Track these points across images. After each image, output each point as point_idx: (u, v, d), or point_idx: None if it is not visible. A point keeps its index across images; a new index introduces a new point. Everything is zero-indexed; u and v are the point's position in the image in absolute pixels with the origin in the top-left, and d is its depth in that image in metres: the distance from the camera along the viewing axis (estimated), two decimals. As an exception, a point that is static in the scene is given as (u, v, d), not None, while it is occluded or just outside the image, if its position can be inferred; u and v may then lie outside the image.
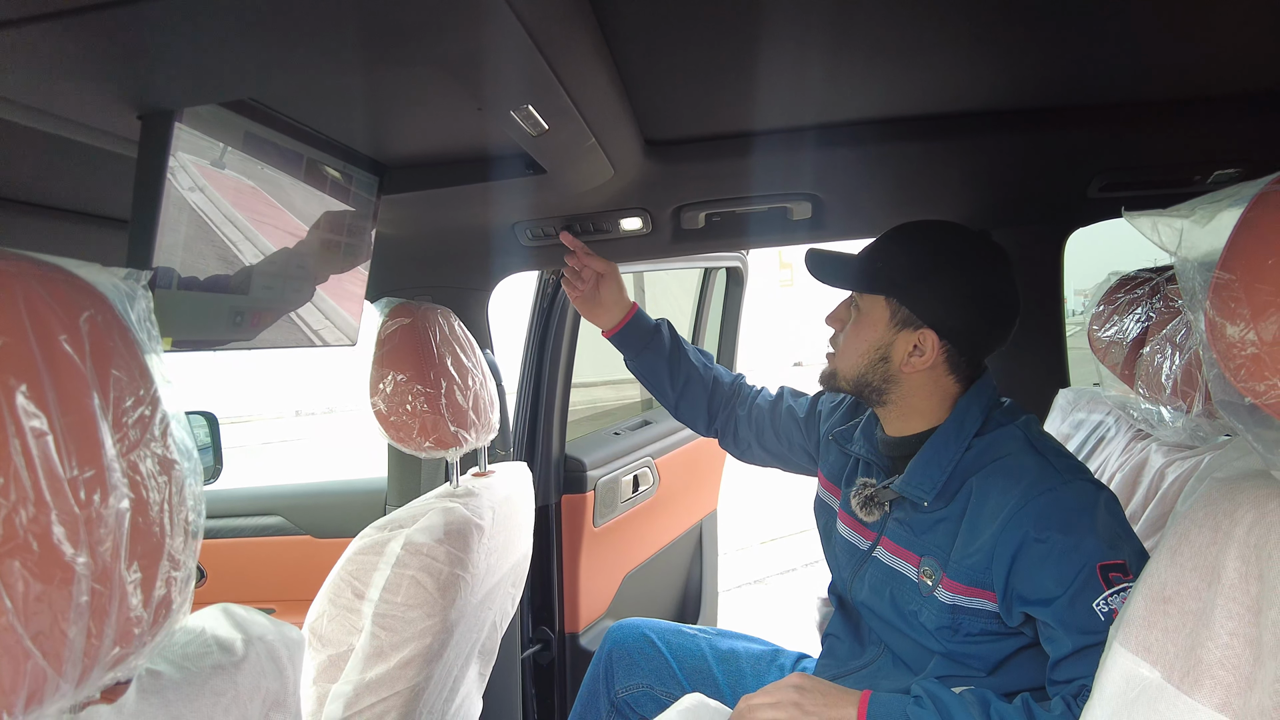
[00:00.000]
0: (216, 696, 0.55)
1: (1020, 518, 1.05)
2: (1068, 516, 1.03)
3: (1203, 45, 1.14)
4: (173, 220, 0.83)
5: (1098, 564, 0.99)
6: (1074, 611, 0.99)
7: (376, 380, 1.24)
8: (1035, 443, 1.13)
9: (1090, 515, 1.03)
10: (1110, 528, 1.03)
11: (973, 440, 1.16)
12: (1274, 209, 0.59)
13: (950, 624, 1.12)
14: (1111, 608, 0.97)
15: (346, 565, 1.14)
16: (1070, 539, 1.01)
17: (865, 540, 1.27)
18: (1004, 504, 1.07)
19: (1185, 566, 0.71)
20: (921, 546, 1.17)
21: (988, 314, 1.18)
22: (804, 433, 1.49)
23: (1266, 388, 0.57)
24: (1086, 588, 0.99)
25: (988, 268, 1.18)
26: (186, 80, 0.79)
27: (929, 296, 1.16)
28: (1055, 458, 1.11)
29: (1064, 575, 1.00)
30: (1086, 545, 1.01)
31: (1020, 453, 1.12)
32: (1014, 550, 1.05)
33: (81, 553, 0.43)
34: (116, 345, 0.48)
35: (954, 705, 0.99)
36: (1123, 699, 0.74)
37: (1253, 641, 0.64)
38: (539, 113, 0.94)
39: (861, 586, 1.25)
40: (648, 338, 1.51)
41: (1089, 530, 1.02)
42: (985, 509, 1.09)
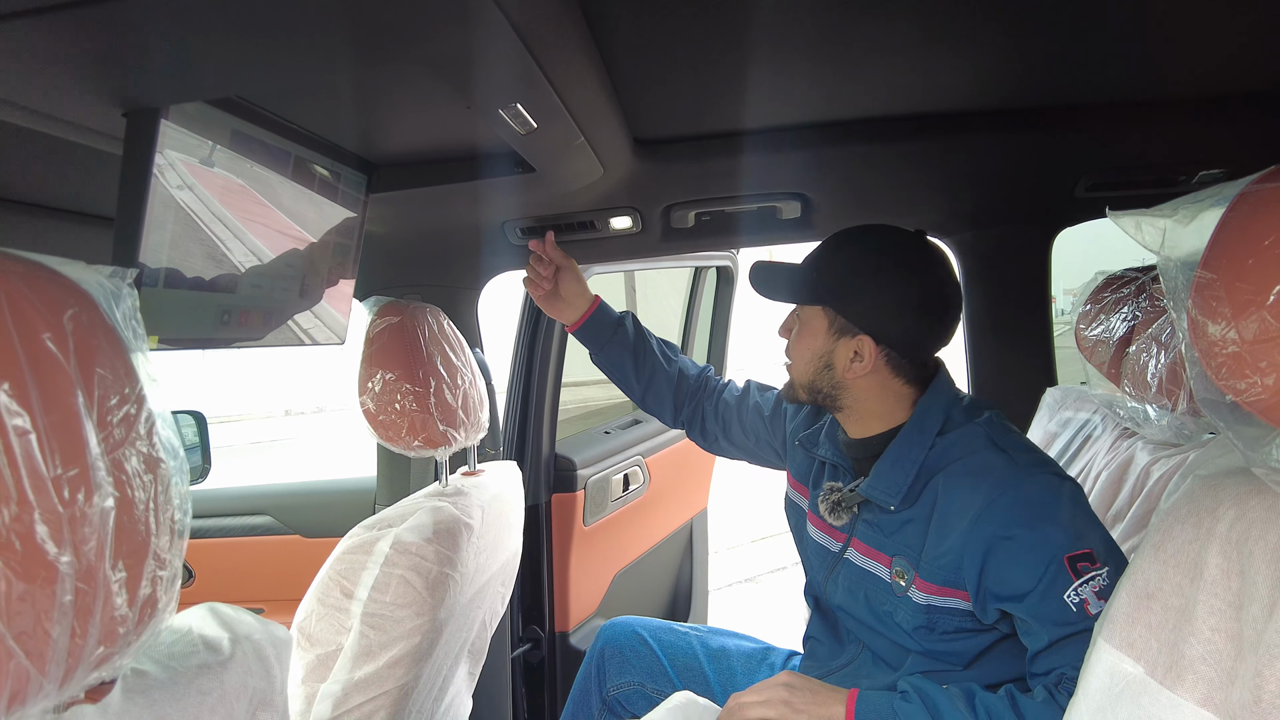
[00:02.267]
0: (203, 696, 0.54)
1: (987, 516, 1.06)
2: (1032, 511, 1.04)
3: (1189, 47, 1.15)
4: (159, 218, 0.83)
5: (1065, 556, 1.00)
6: (1047, 605, 1.00)
7: (365, 379, 1.23)
8: (997, 440, 1.13)
9: (1054, 508, 1.04)
10: (1075, 518, 1.04)
11: (935, 440, 1.16)
12: (1254, 209, 0.59)
13: (926, 623, 1.13)
14: (1082, 598, 0.98)
15: (335, 565, 1.14)
16: (1036, 534, 1.02)
17: (836, 542, 1.27)
18: (970, 504, 1.08)
19: (1168, 563, 0.71)
20: (892, 547, 1.17)
21: (923, 317, 1.18)
22: (769, 429, 1.50)
23: (1247, 385, 0.58)
24: (1057, 580, 1.00)
25: (921, 271, 1.18)
26: (171, 77, 0.78)
27: (863, 304, 1.17)
28: (1018, 453, 1.11)
29: (1033, 570, 1.01)
30: (1053, 539, 1.02)
31: (983, 451, 1.12)
32: (984, 549, 1.05)
33: (65, 552, 0.42)
34: (101, 343, 0.48)
35: (940, 699, 1.00)
36: (1107, 694, 0.74)
37: (1234, 636, 0.64)
38: (527, 111, 0.94)
39: (836, 589, 1.26)
40: (611, 331, 1.50)
41: (1054, 523, 1.03)
42: (952, 509, 1.10)
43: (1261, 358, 0.57)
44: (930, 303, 1.18)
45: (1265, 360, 0.56)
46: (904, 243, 1.19)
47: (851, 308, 1.18)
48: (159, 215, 0.83)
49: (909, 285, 1.17)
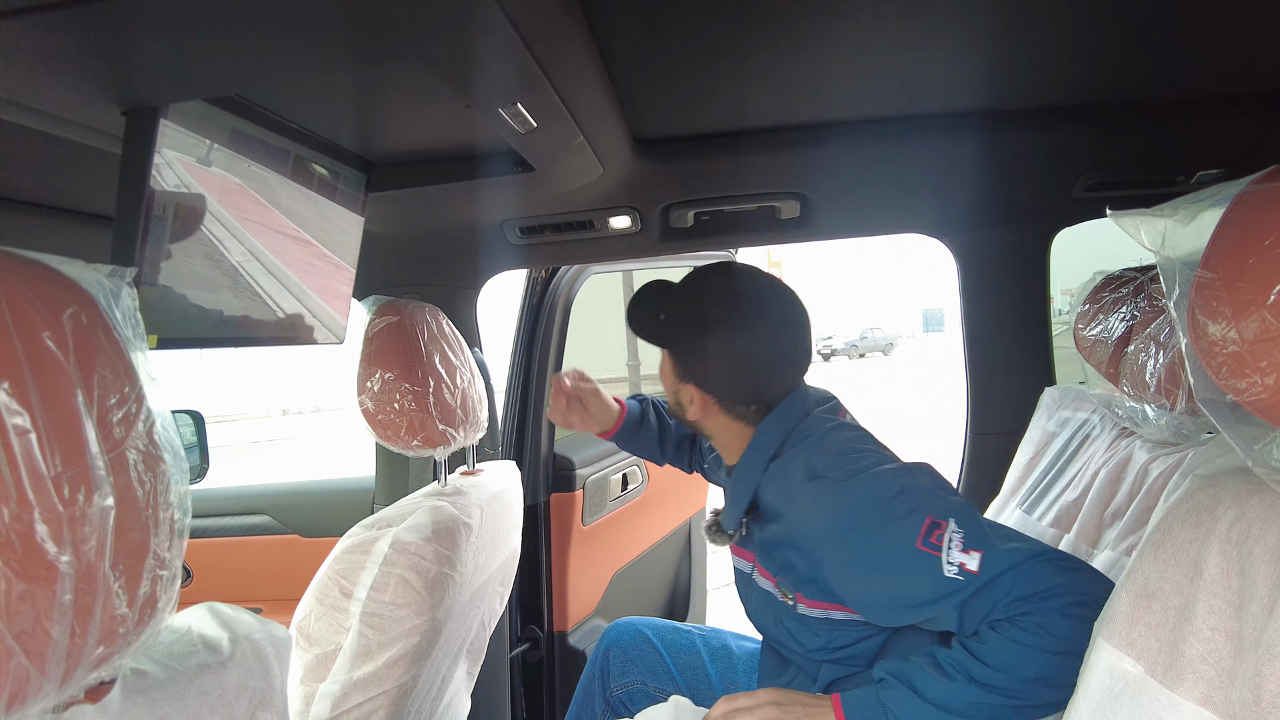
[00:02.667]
0: (202, 696, 0.54)
1: (829, 547, 1.06)
2: (864, 525, 1.03)
3: (1188, 48, 1.15)
4: (158, 217, 0.83)
5: (914, 545, 0.99)
6: (934, 588, 0.98)
7: (364, 378, 1.23)
8: (815, 464, 1.11)
9: (880, 508, 1.03)
10: (901, 505, 1.02)
11: (768, 465, 1.17)
12: (1254, 209, 0.60)
13: (825, 642, 1.14)
14: (958, 563, 0.96)
15: (334, 564, 1.14)
16: (878, 544, 1.02)
17: (746, 564, 1.28)
18: (811, 536, 1.08)
19: (1168, 562, 0.71)
20: (774, 567, 1.18)
21: (740, 374, 1.20)
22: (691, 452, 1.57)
23: (1247, 385, 0.58)
24: (927, 567, 0.98)
25: (742, 327, 1.18)
26: (171, 76, 0.78)
27: (689, 354, 1.21)
28: (833, 471, 1.09)
29: (899, 574, 1.00)
30: (896, 538, 1.00)
31: (802, 480, 1.11)
32: (844, 573, 1.06)
33: (65, 551, 0.42)
34: (101, 342, 0.48)
35: (914, 674, 1.00)
36: (1106, 694, 0.75)
37: (1234, 636, 0.65)
38: (527, 110, 0.94)
39: (753, 610, 1.27)
40: (638, 426, 1.56)
41: (885, 523, 1.02)
42: (802, 543, 1.11)
43: (1262, 357, 0.57)
44: (749, 360, 1.19)
45: (1265, 360, 0.56)
46: (731, 296, 1.20)
47: (681, 357, 1.22)
48: (158, 215, 0.83)
49: (728, 341, 1.19)
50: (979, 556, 0.96)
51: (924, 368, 22.25)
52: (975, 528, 0.98)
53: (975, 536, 0.97)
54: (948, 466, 2.18)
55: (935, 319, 42.96)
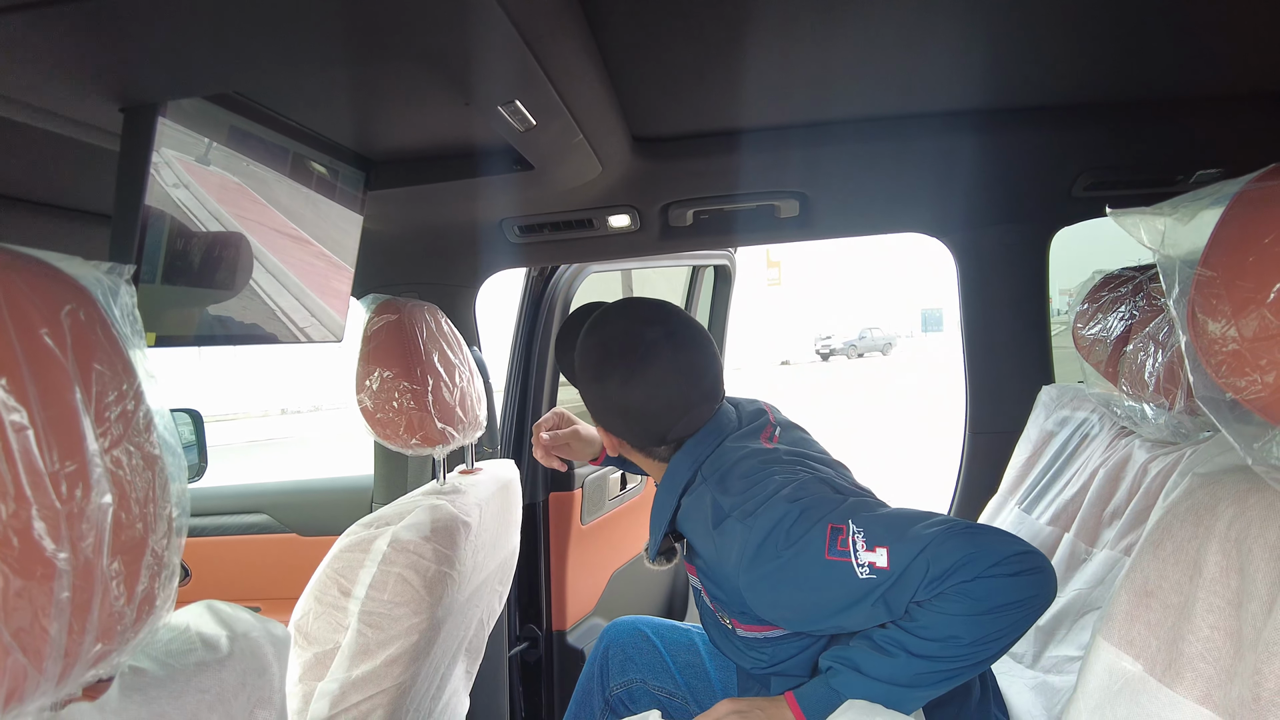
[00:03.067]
0: (201, 694, 0.54)
1: (745, 581, 1.06)
2: (773, 554, 1.03)
3: (1187, 47, 1.15)
4: (157, 215, 0.83)
5: (824, 557, 0.99)
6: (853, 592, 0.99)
7: (363, 377, 1.23)
8: (719, 499, 1.11)
9: (784, 534, 1.03)
10: (803, 524, 1.02)
11: (680, 499, 1.18)
12: (1254, 207, 0.60)
13: (770, 658, 1.16)
14: (867, 562, 0.97)
15: (332, 563, 1.14)
16: (791, 567, 1.02)
17: (696, 580, 1.28)
18: (728, 575, 1.09)
19: (1167, 561, 0.71)
20: (709, 592, 1.20)
21: (633, 422, 1.21)
22: None
23: (1247, 383, 0.58)
24: (840, 576, 0.98)
25: (626, 380, 1.17)
26: (169, 72, 0.78)
27: (588, 399, 1.25)
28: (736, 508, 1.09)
29: (817, 588, 1.01)
30: (804, 556, 1.01)
31: (709, 526, 1.11)
32: (767, 601, 1.06)
33: (63, 548, 0.42)
34: (99, 339, 0.48)
35: (857, 654, 1.02)
36: (1105, 692, 0.75)
37: (1233, 634, 0.65)
38: (526, 108, 0.93)
39: (705, 624, 1.28)
40: None
41: (791, 545, 1.02)
42: (720, 578, 1.13)
43: (1261, 355, 0.57)
44: (635, 412, 1.19)
45: (1265, 358, 0.56)
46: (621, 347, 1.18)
47: (588, 400, 1.25)
48: (157, 212, 0.82)
49: (619, 391, 1.19)
50: (885, 551, 0.97)
51: (923, 368, 22.31)
52: (874, 524, 0.99)
53: (877, 532, 0.98)
54: (946, 466, 2.18)
55: (934, 319, 43.04)
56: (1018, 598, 0.91)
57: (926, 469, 5.63)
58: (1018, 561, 0.91)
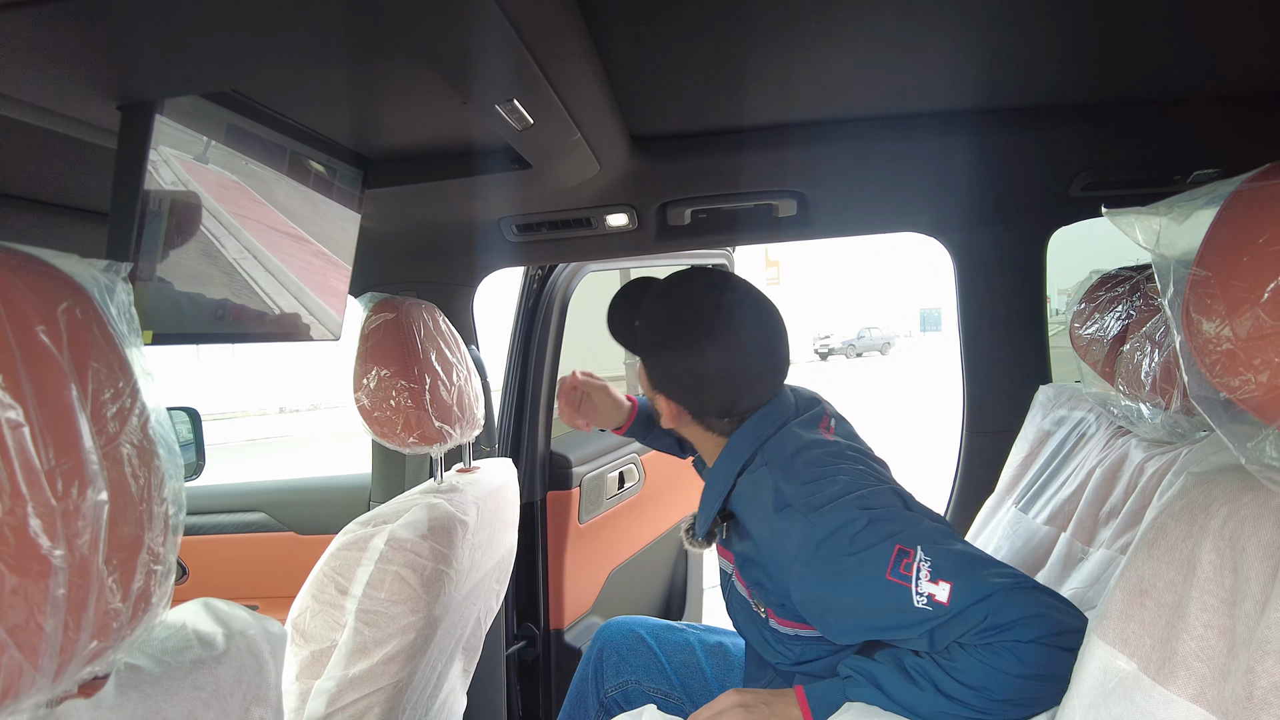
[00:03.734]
0: (197, 691, 0.54)
1: (795, 577, 1.04)
2: (832, 558, 1.01)
3: (1183, 47, 1.15)
4: (154, 212, 0.83)
5: (884, 577, 0.97)
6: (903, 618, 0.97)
7: (360, 375, 1.23)
8: (783, 488, 1.09)
9: (848, 542, 1.00)
10: (869, 536, 1.00)
11: (736, 480, 1.16)
12: (1248, 207, 0.60)
13: (798, 655, 1.14)
14: (927, 593, 0.95)
15: (330, 561, 1.14)
16: (846, 577, 1.00)
17: (729, 565, 1.27)
18: (780, 569, 1.06)
19: (1162, 560, 0.71)
20: (749, 578, 1.18)
21: (704, 392, 1.18)
22: None
23: (1241, 383, 0.58)
24: (895, 598, 0.96)
25: (707, 344, 1.16)
26: (165, 70, 0.78)
27: (657, 365, 1.21)
28: (801, 499, 1.07)
29: (868, 603, 0.99)
30: (864, 570, 0.98)
31: (768, 508, 1.09)
32: (811, 602, 1.04)
33: (59, 545, 0.42)
34: (95, 337, 0.48)
35: (881, 672, 1.00)
36: (1100, 691, 0.75)
37: (1227, 633, 0.65)
38: (524, 107, 0.94)
39: (732, 610, 1.27)
40: (650, 423, 1.56)
41: (853, 556, 0.99)
42: (771, 569, 1.09)
43: (1255, 355, 0.57)
44: (708, 380, 1.17)
45: (1259, 357, 0.57)
46: (691, 315, 1.17)
47: (650, 368, 1.22)
48: (154, 210, 0.82)
49: (685, 361, 1.17)
50: (949, 587, 0.94)
51: (921, 367, 22.30)
52: (944, 557, 0.96)
53: (945, 566, 0.95)
54: (943, 465, 2.18)
55: (933, 318, 43.08)
56: (1064, 674, 0.84)
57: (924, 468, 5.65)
58: (1078, 638, 0.86)
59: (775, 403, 1.20)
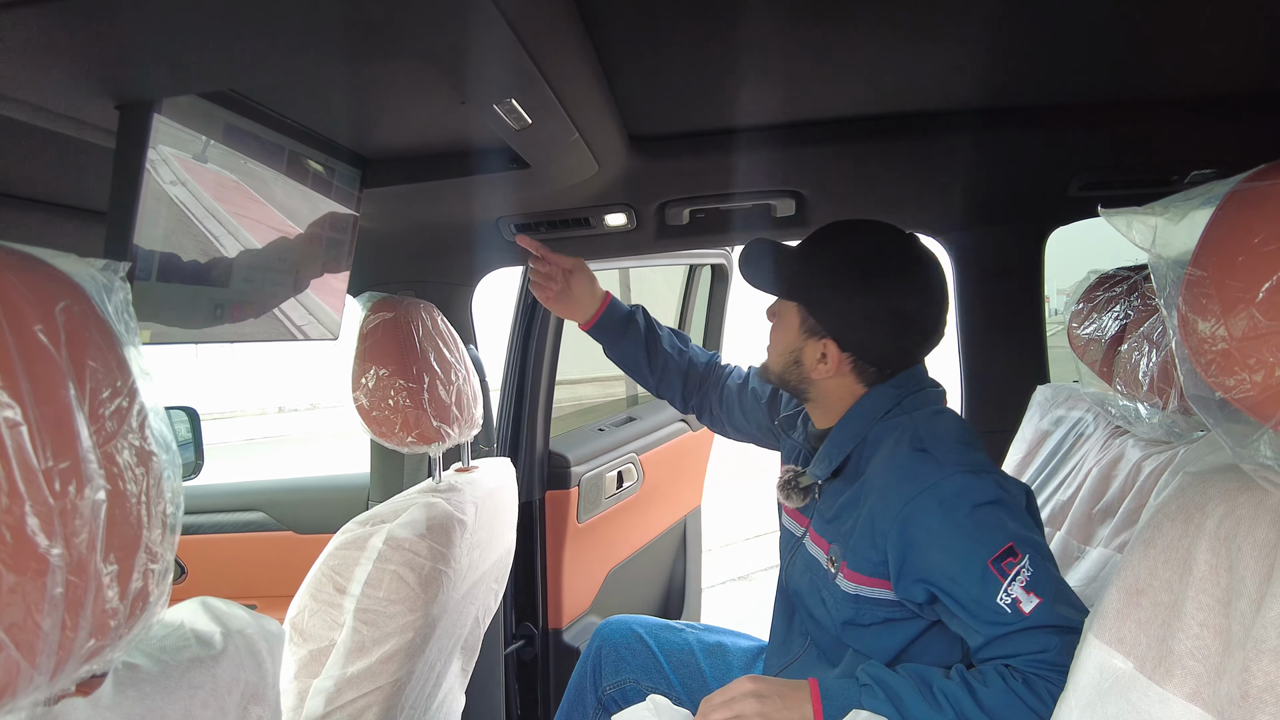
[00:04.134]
0: (194, 690, 0.54)
1: (903, 519, 1.04)
2: (947, 516, 1.02)
3: (1182, 48, 1.15)
4: (152, 212, 0.83)
5: (987, 560, 0.98)
6: (980, 608, 0.98)
7: (359, 375, 1.23)
8: (924, 437, 1.10)
9: (969, 511, 1.02)
10: (992, 518, 1.01)
11: (875, 424, 1.17)
12: (1244, 207, 0.60)
13: (853, 616, 1.13)
14: (1014, 597, 0.96)
15: (328, 560, 1.14)
16: (955, 540, 1.01)
17: (799, 528, 1.29)
18: (893, 503, 1.06)
19: (1158, 559, 0.72)
20: (831, 534, 1.18)
21: (892, 333, 1.17)
22: (767, 415, 1.50)
23: (1236, 382, 0.58)
24: (985, 585, 0.98)
25: (900, 285, 1.16)
26: (164, 70, 0.78)
27: (833, 309, 1.17)
28: (941, 453, 1.08)
29: (957, 574, 1.00)
30: (971, 544, 1.00)
31: (902, 447, 1.11)
32: (902, 551, 1.05)
33: (56, 544, 0.42)
34: (93, 336, 0.48)
35: (901, 689, 1.00)
36: (1096, 690, 0.75)
37: (1222, 632, 0.65)
38: (522, 107, 0.94)
39: (794, 573, 1.27)
40: (624, 326, 1.51)
41: (971, 526, 1.01)
42: (879, 506, 1.09)
43: (1250, 354, 0.57)
44: (901, 320, 1.16)
45: (1254, 357, 0.57)
46: (890, 251, 1.17)
47: (823, 310, 1.17)
48: (152, 209, 0.82)
49: (882, 300, 1.15)
50: (1036, 602, 0.95)
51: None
52: (1044, 574, 0.98)
53: (1042, 582, 0.97)
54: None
55: (931, 318, 43.19)
56: None
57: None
58: None
59: (919, 367, 1.21)
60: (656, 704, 1.12)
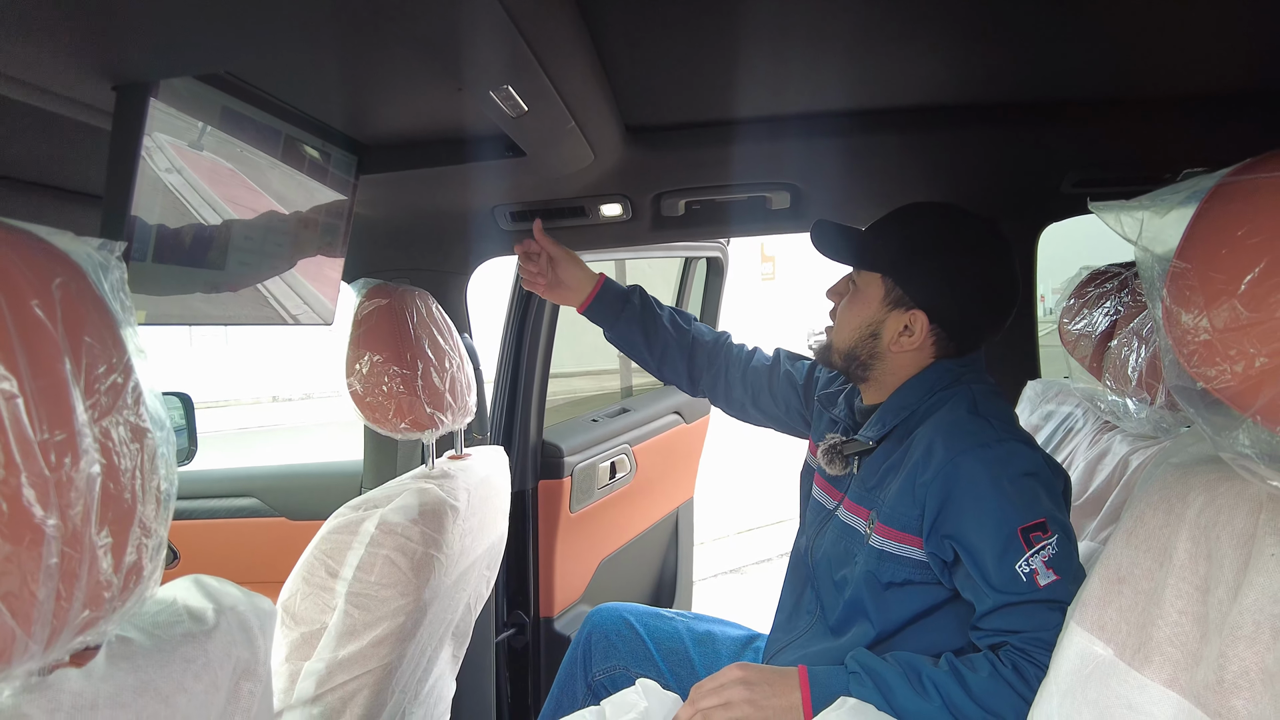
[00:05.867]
0: (187, 663, 0.55)
1: (949, 470, 1.08)
2: (992, 474, 1.06)
3: (1176, 47, 1.16)
4: (148, 194, 0.83)
5: (1019, 528, 1.02)
6: (999, 572, 1.02)
7: (353, 361, 1.24)
8: (980, 406, 1.15)
9: (1014, 475, 1.06)
10: (1032, 490, 1.05)
11: (931, 398, 1.19)
12: (1228, 201, 0.61)
13: (875, 569, 1.15)
14: (1033, 568, 1.00)
15: (320, 544, 1.15)
16: (994, 499, 1.04)
17: (832, 500, 1.30)
18: (938, 454, 1.10)
19: (1139, 548, 0.73)
20: (871, 500, 1.20)
21: (981, 301, 1.20)
22: (801, 398, 1.51)
23: (1217, 373, 0.59)
24: (1009, 550, 1.01)
25: (988, 254, 1.19)
26: (161, 51, 0.78)
27: (923, 278, 1.18)
28: (995, 421, 1.12)
29: (986, 533, 1.03)
30: (1008, 507, 1.03)
31: (962, 412, 1.14)
32: (940, 502, 1.08)
33: (52, 515, 0.43)
34: (89, 313, 0.48)
35: (889, 676, 1.01)
36: (1077, 676, 0.76)
37: (1200, 619, 0.66)
38: (518, 94, 0.94)
39: (822, 543, 1.28)
40: (620, 307, 1.50)
41: (1013, 491, 1.04)
42: (924, 459, 1.12)
43: (1231, 345, 0.58)
44: (990, 289, 1.20)
45: (1235, 348, 0.58)
46: (973, 224, 1.20)
47: (912, 281, 1.19)
48: (148, 191, 0.83)
49: (971, 268, 1.18)
50: (1054, 579, 0.99)
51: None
52: (1068, 556, 1.01)
53: (1063, 562, 1.00)
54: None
55: (927, 315, 43.25)
56: None
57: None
58: None
59: (981, 352, 1.25)
60: (645, 688, 1.13)
